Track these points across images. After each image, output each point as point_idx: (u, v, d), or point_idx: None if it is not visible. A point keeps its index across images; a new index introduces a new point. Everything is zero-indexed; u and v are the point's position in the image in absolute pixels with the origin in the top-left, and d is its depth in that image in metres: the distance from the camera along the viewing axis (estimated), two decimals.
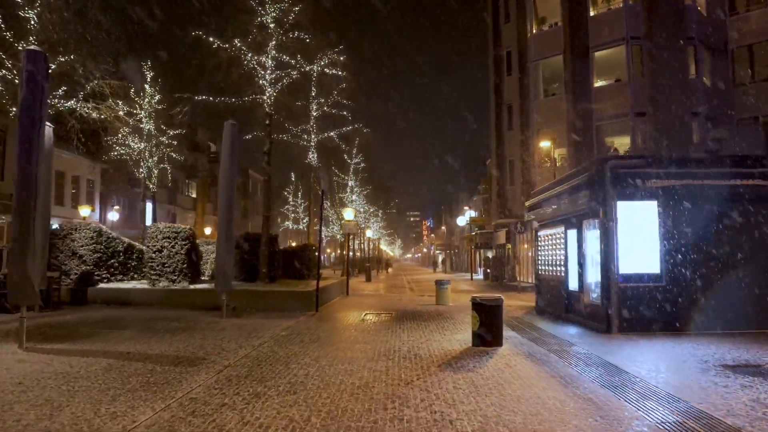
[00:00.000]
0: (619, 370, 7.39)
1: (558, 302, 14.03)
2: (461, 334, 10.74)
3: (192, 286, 16.34)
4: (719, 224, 10.73)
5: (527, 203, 17.19)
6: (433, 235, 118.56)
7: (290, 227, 67.63)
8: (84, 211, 24.86)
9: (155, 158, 30.81)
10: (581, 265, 12.50)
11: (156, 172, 31.59)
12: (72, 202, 39.64)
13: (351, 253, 58.14)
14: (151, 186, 31.67)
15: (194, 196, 60.78)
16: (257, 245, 17.26)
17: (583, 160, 20.62)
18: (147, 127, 26.04)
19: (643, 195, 10.88)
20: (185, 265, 16.55)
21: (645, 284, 10.78)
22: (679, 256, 10.74)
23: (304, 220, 60.86)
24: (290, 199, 62.69)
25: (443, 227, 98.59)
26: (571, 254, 13.26)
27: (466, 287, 30.82)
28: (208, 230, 49.18)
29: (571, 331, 11.39)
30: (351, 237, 46.83)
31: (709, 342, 9.56)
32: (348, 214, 23.78)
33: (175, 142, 26.94)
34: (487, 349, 8.94)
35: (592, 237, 12.18)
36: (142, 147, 26.00)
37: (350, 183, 43.78)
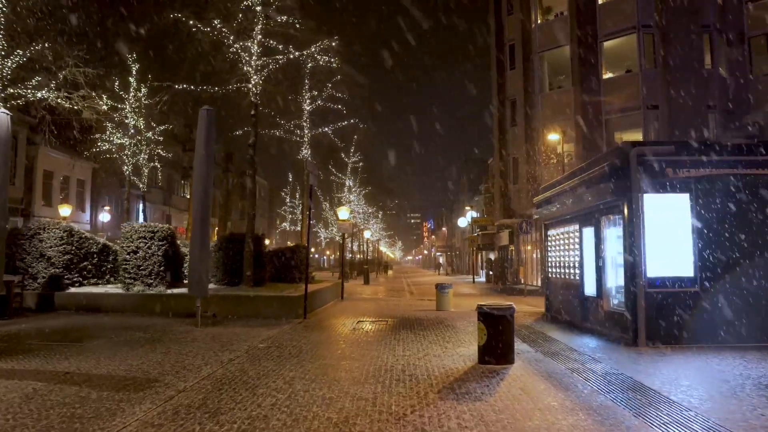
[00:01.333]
0: (662, 398, 5.98)
1: (572, 309, 12.62)
2: (465, 347, 9.34)
3: (170, 291, 14.96)
4: (763, 220, 9.32)
5: (536, 199, 15.79)
6: (433, 236, 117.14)
7: (288, 228, 66.21)
8: (63, 210, 23.48)
9: (145, 156, 29.52)
10: (599, 267, 11.10)
11: (146, 171, 30.32)
12: (62, 202, 38.35)
13: (350, 255, 56.96)
14: (141, 185, 30.38)
15: (189, 196, 59.17)
16: (241, 246, 15.86)
17: (590, 157, 19.23)
18: (132, 123, 24.65)
19: (674, 187, 9.48)
20: (162, 268, 15.15)
21: (676, 289, 9.37)
22: (716, 257, 9.33)
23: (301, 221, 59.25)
24: (288, 200, 61.27)
25: (444, 228, 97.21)
26: (587, 255, 11.85)
27: (468, 290, 29.40)
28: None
29: (590, 343, 9.98)
30: (348, 238, 45.57)
31: (759, 358, 8.14)
32: (343, 213, 22.38)
33: (162, 138, 25.55)
34: (496, 368, 7.54)
35: (613, 235, 10.78)
36: (126, 143, 24.60)
37: (348, 182, 42.38)
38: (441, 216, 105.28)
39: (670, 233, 9.52)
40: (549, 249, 14.85)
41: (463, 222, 57.67)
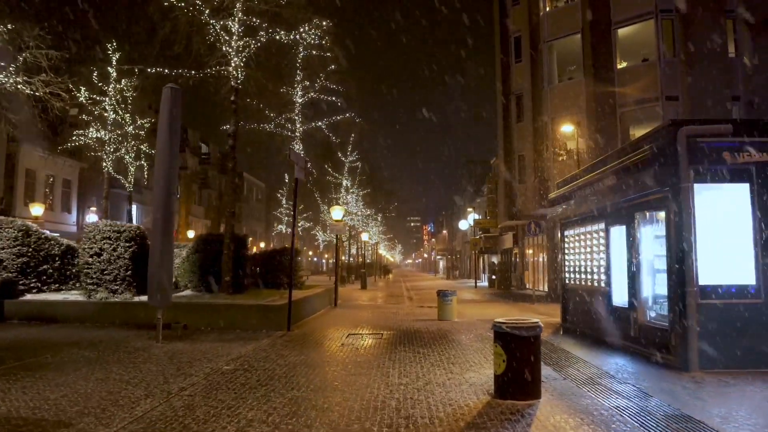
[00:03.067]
0: None
1: (595, 320, 10.87)
2: (474, 372, 7.59)
3: (137, 299, 13.19)
4: None
5: (550, 196, 14.06)
6: (434, 240, 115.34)
7: (284, 231, 64.42)
8: (36, 209, 21.70)
9: (131, 154, 27.85)
10: (632, 273, 9.36)
11: (132, 169, 28.65)
12: (45, 202, 36.64)
13: (350, 259, 55.14)
14: (127, 184, 28.70)
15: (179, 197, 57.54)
16: (220, 248, 14.13)
17: (603, 153, 17.48)
18: (112, 116, 22.96)
19: (732, 175, 7.75)
20: (129, 272, 13.42)
21: (734, 301, 7.63)
22: None
23: (299, 224, 57.61)
24: (284, 202, 59.53)
25: (444, 231, 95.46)
26: (616, 258, 10.12)
27: (470, 296, 27.63)
28: (191, 233, 45.93)
29: (627, 366, 8.22)
30: (345, 240, 43.81)
31: None
32: (336, 213, 20.66)
33: (143, 133, 23.83)
34: (518, 406, 5.78)
35: (650, 235, 9.05)
36: (106, 138, 22.89)
37: (345, 182, 40.61)
38: (441, 219, 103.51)
39: (726, 232, 7.79)
40: (566, 251, 13.10)
41: (464, 224, 55.92)
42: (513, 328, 5.92)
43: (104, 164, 23.18)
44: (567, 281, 12.90)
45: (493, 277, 38.25)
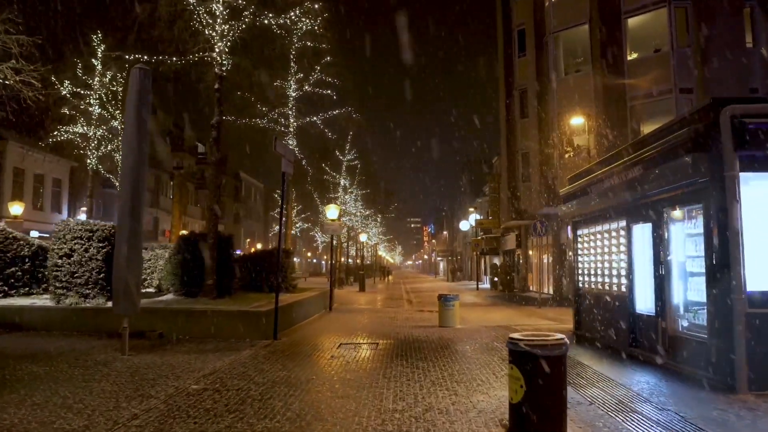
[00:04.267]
0: None
1: (614, 329, 9.75)
2: (482, 394, 6.47)
3: (110, 304, 12.02)
4: None
5: (561, 191, 12.93)
6: (434, 241, 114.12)
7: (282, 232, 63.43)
8: (14, 208, 20.57)
9: (120, 152, 26.80)
10: (660, 276, 8.24)
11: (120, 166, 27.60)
12: (33, 202, 35.55)
13: (348, 260, 53.99)
14: (116, 182, 27.62)
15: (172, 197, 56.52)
16: (202, 248, 13.00)
17: (612, 149, 16.34)
18: (97, 111, 21.87)
19: None
20: (102, 276, 12.27)
21: None
22: None
23: (297, 225, 56.54)
24: (280, 202, 58.40)
25: (445, 232, 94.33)
26: (639, 259, 9.01)
27: (472, 299, 26.52)
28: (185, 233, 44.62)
29: (660, 386, 7.08)
30: (344, 241, 42.72)
31: None
32: (331, 212, 19.54)
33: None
34: None
35: (681, 233, 7.93)
36: (90, 133, 21.80)
37: (343, 182, 39.47)
38: (442, 220, 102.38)
39: None
40: (579, 252, 11.98)
41: (465, 225, 54.76)
42: (533, 346, 4.79)
43: (89, 161, 22.09)
44: (580, 285, 11.77)
45: (495, 279, 37.09)
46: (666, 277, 8.15)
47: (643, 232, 8.97)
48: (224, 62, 13.20)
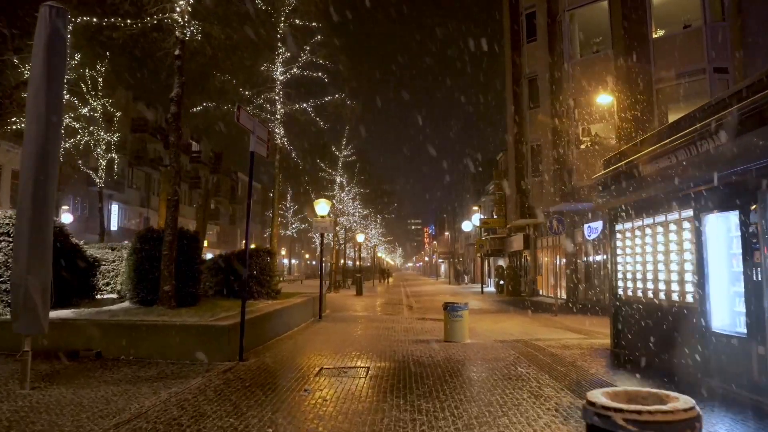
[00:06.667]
0: None
1: (676, 350, 7.50)
2: None
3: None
4: None
5: (596, 176, 10.66)
6: (435, 242, 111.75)
7: (282, 233, 61.13)
8: None
9: (101, 145, 24.70)
10: (753, 282, 6.00)
11: (103, 162, 25.47)
12: (12, 200, 33.36)
13: (345, 262, 51.77)
14: (97, 180, 25.51)
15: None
16: (159, 248, 10.76)
17: (637, 137, 14.09)
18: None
19: None
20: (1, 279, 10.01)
21: None
22: None
23: (293, 225, 54.36)
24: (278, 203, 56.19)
25: (446, 234, 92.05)
26: (715, 260, 6.77)
27: (478, 304, 24.16)
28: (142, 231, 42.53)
29: None
30: (338, 240, 40.45)
31: None
32: (321, 207, 17.30)
33: (98, 114, 20.59)
34: None
35: None
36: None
37: (340, 179, 37.19)
38: (443, 221, 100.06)
39: None
40: (618, 251, 9.74)
41: (468, 226, 52.50)
42: (642, 424, 2.51)
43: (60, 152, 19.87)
44: (622, 292, 9.51)
45: (501, 282, 34.80)
46: (764, 285, 5.90)
47: (721, 223, 6.73)
48: (186, 24, 10.98)
